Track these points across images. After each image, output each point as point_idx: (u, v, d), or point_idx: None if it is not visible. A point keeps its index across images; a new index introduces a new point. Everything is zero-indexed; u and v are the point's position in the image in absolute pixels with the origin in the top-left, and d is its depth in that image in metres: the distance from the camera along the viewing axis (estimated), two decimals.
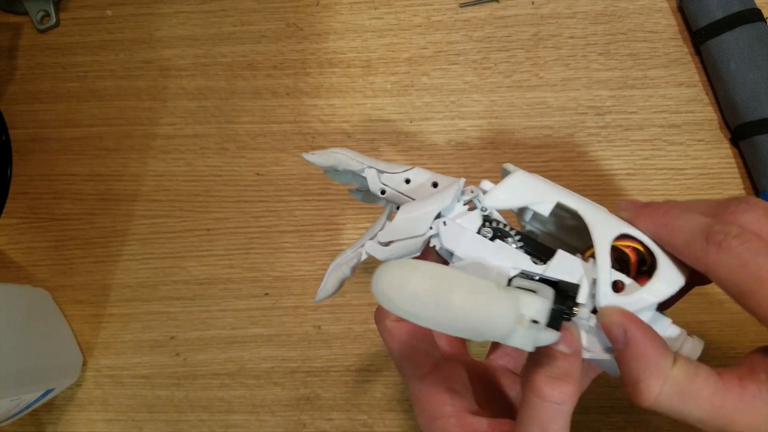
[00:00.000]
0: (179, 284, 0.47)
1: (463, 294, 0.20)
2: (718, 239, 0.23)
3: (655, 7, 0.48)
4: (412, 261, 0.21)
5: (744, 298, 0.23)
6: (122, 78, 0.51)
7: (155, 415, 0.46)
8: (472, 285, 0.21)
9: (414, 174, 0.30)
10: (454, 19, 0.49)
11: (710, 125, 0.46)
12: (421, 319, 0.20)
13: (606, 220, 0.27)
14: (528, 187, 0.28)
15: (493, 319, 0.20)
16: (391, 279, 0.20)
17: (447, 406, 0.28)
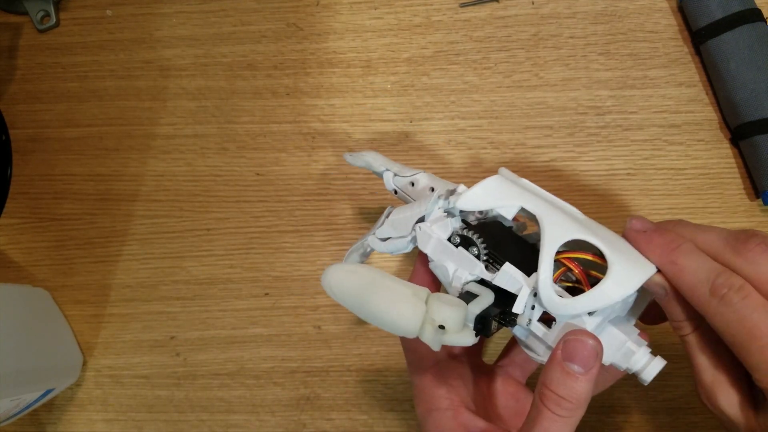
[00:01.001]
0: (179, 284, 0.47)
1: (381, 298, 0.25)
2: (721, 292, 0.25)
3: (655, 7, 0.48)
4: (354, 266, 0.26)
5: (738, 349, 0.25)
6: (122, 78, 0.51)
7: (155, 415, 0.46)
8: (392, 292, 0.25)
9: (418, 178, 0.34)
10: (454, 19, 0.49)
11: (710, 125, 0.46)
12: (352, 311, 0.26)
13: (562, 224, 0.28)
14: (495, 191, 0.30)
15: (401, 320, 0.25)
16: (335, 276, 0.26)
17: (444, 400, 0.30)
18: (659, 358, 0.28)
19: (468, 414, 0.29)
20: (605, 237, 0.28)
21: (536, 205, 0.29)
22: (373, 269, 0.27)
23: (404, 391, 0.45)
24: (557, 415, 0.25)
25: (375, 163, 0.36)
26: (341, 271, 0.26)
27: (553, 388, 0.25)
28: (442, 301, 0.25)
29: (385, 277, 0.26)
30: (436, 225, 0.31)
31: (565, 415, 0.25)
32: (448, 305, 0.25)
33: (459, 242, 0.30)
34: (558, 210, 0.29)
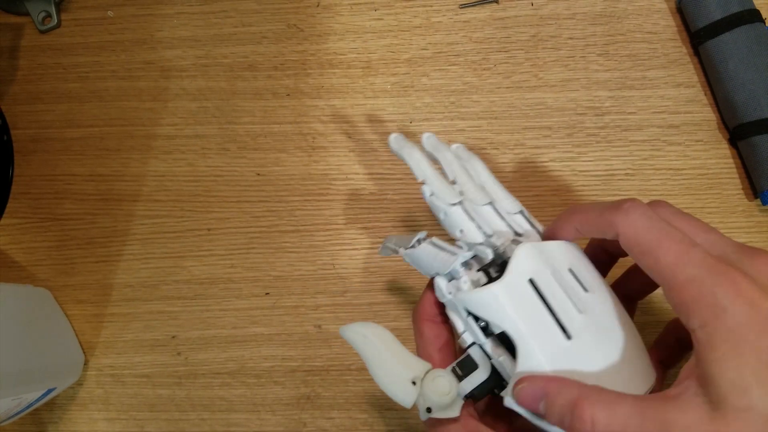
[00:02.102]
0: (180, 284, 0.47)
1: (382, 373, 0.29)
2: (625, 206, 0.27)
3: (653, 8, 0.48)
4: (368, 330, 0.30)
5: (645, 256, 0.26)
6: (123, 78, 0.51)
7: (156, 414, 0.46)
8: (392, 371, 0.29)
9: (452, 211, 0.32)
10: (454, 21, 0.50)
11: (709, 125, 0.47)
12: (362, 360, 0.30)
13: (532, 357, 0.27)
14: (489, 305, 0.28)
15: (395, 398, 0.28)
16: (350, 337, 0.30)
17: None
18: None
19: (476, 423, 0.30)
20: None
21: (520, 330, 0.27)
22: (383, 338, 0.30)
23: None
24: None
25: (415, 169, 0.33)
26: (357, 335, 0.30)
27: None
28: (432, 389, 0.28)
29: (390, 352, 0.29)
30: (451, 285, 0.30)
31: None
32: (435, 394, 0.28)
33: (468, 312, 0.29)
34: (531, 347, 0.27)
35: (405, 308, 0.46)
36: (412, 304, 0.46)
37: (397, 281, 0.46)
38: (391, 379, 0.29)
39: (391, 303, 0.46)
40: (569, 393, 0.25)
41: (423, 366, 0.29)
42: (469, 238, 0.31)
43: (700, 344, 0.24)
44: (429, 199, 0.32)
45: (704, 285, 0.24)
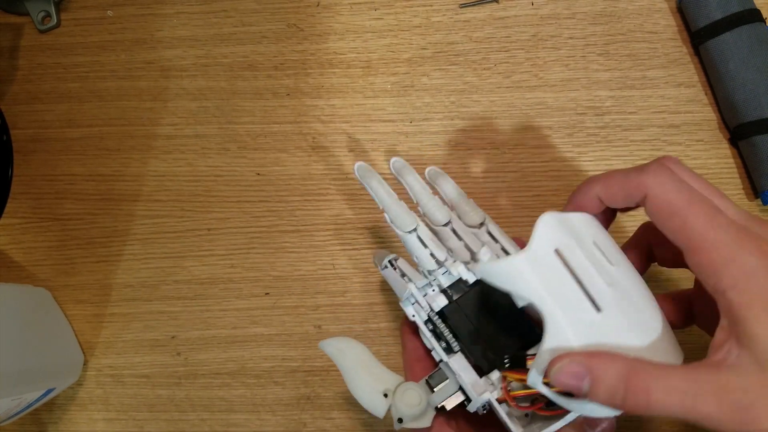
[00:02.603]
0: (180, 284, 0.47)
1: (356, 386, 0.32)
2: (651, 166, 0.28)
3: (654, 8, 0.48)
4: (345, 344, 0.33)
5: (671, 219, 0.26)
6: (123, 78, 0.51)
7: (156, 415, 0.46)
8: (365, 385, 0.32)
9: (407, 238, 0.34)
10: (454, 20, 0.49)
11: (709, 125, 0.47)
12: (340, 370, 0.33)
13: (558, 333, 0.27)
14: (513, 276, 0.27)
15: (369, 409, 0.31)
16: (328, 350, 0.33)
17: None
18: None
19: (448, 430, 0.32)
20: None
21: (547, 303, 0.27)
22: (358, 352, 0.33)
23: None
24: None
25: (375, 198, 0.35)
26: (333, 348, 0.33)
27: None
28: (402, 401, 0.30)
29: (363, 366, 0.32)
30: (412, 308, 0.33)
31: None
32: (405, 405, 0.30)
33: (431, 329, 0.32)
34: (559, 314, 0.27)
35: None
36: None
37: None
38: (364, 391, 0.32)
39: (391, 303, 0.46)
40: (618, 368, 0.24)
41: (395, 379, 0.32)
42: (422, 265, 0.33)
43: (732, 305, 0.24)
44: (390, 225, 0.34)
45: (732, 248, 0.24)
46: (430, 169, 0.37)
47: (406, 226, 0.34)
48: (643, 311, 0.28)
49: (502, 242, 0.33)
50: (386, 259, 0.35)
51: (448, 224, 0.34)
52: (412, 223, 0.34)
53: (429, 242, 0.33)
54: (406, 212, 0.34)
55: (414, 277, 0.34)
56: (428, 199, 0.35)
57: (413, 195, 0.35)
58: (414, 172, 0.36)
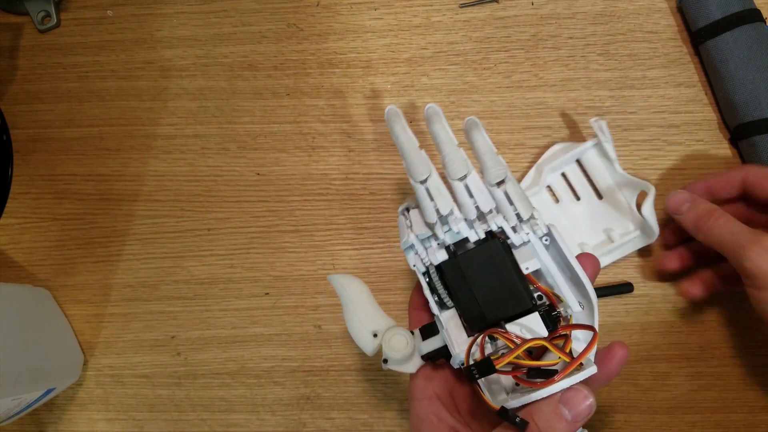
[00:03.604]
0: (180, 284, 0.47)
1: (351, 321, 0.34)
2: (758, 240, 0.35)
3: (654, 8, 0.48)
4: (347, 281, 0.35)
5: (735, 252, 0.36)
6: (123, 78, 0.51)
7: (156, 414, 0.46)
8: (358, 322, 0.33)
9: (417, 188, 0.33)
10: (454, 20, 0.49)
11: (709, 125, 0.47)
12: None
13: None
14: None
15: (360, 344, 0.33)
16: (335, 282, 0.35)
17: (423, 390, 0.33)
18: None
19: (439, 404, 0.33)
20: None
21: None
22: (358, 291, 0.34)
23: (404, 391, 0.45)
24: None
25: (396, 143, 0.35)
26: (337, 283, 0.35)
27: (537, 420, 0.27)
28: (389, 343, 0.33)
29: (360, 305, 0.34)
30: (412, 257, 0.34)
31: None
32: (391, 348, 0.32)
33: (428, 282, 0.33)
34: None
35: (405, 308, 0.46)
36: None
37: (397, 281, 0.46)
38: (356, 328, 0.33)
39: (391, 303, 0.46)
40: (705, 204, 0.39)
41: (386, 322, 0.34)
42: (425, 216, 0.33)
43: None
44: (407, 173, 0.34)
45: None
46: (469, 119, 0.36)
47: (417, 175, 0.33)
48: None
49: (517, 205, 0.32)
50: (403, 206, 0.35)
51: (464, 178, 0.33)
52: (424, 173, 0.33)
53: (435, 195, 0.32)
54: (422, 161, 0.33)
55: (418, 227, 0.33)
56: (449, 150, 0.33)
57: (436, 144, 0.34)
58: (443, 122, 0.34)
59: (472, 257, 0.32)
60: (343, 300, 0.34)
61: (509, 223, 0.32)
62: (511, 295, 0.30)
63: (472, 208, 0.32)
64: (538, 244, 0.32)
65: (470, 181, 0.33)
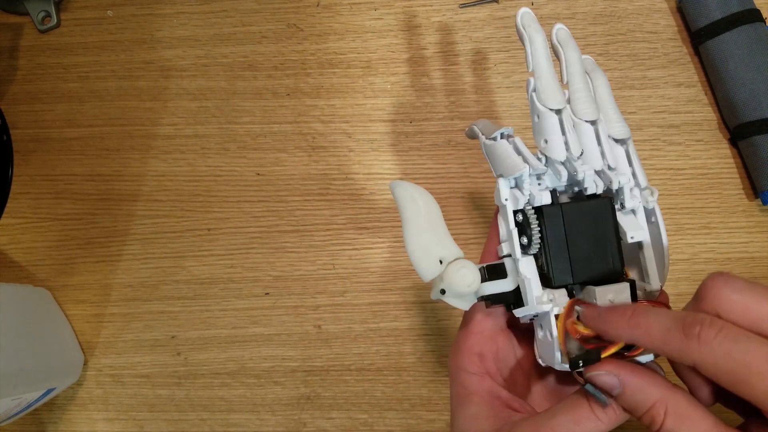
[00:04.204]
0: (180, 284, 0.47)
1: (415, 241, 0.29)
2: (695, 332, 0.22)
3: (654, 8, 0.48)
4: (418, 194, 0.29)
5: (737, 386, 0.22)
6: (123, 78, 0.51)
7: (156, 414, 0.46)
8: (425, 243, 0.29)
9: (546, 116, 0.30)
10: (454, 20, 0.49)
11: (709, 125, 0.47)
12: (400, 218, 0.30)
13: None
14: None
15: (418, 268, 0.29)
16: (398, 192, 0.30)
17: (475, 365, 0.31)
18: None
19: (492, 382, 0.30)
20: None
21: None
22: (430, 208, 0.29)
23: (404, 391, 0.45)
24: (595, 416, 0.25)
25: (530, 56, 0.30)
26: (406, 193, 0.29)
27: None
28: (454, 275, 0.28)
29: (430, 224, 0.29)
30: (511, 191, 0.30)
31: (603, 420, 0.25)
32: (456, 281, 0.28)
33: (520, 221, 0.29)
34: None
35: (405, 308, 0.46)
36: (412, 304, 0.46)
37: (397, 281, 0.46)
38: (420, 249, 0.29)
39: (391, 303, 0.46)
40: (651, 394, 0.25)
41: (456, 251, 0.29)
42: (551, 152, 0.29)
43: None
44: (530, 94, 0.30)
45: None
46: (586, 57, 0.32)
47: (553, 100, 0.29)
48: None
49: (636, 169, 0.30)
50: (499, 131, 0.31)
51: (595, 123, 0.30)
52: (562, 101, 0.29)
53: (570, 129, 0.29)
54: (559, 88, 0.29)
55: (532, 159, 0.29)
56: (583, 85, 0.30)
57: (567, 75, 0.30)
58: (578, 50, 0.30)
59: (577, 210, 0.29)
60: (410, 213, 0.29)
61: (628, 184, 0.29)
62: (606, 259, 0.28)
63: (599, 158, 0.29)
64: (642, 216, 0.29)
65: (600, 128, 0.29)
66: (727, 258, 0.44)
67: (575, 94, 0.30)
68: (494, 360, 0.32)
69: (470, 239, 0.46)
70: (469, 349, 0.31)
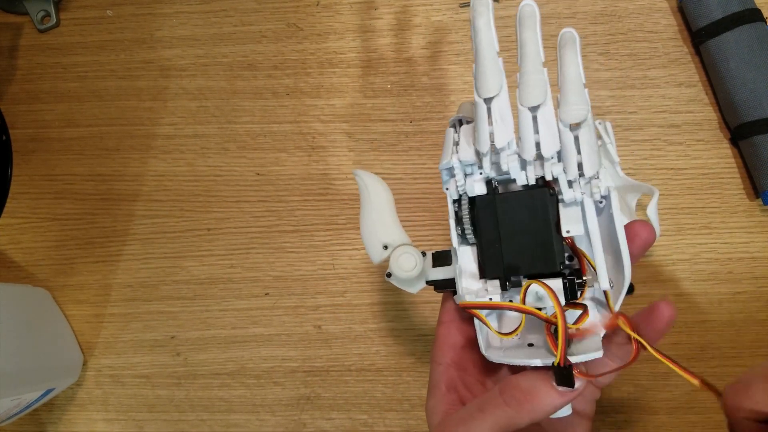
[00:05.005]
0: (180, 284, 0.47)
1: (366, 224, 0.31)
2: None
3: (654, 7, 0.48)
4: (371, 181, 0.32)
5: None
6: (123, 78, 0.51)
7: (156, 415, 0.46)
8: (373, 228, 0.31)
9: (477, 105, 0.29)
10: (454, 20, 0.49)
11: (710, 125, 0.46)
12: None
13: None
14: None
15: (368, 251, 0.31)
16: (360, 179, 0.32)
17: (442, 355, 0.32)
18: None
19: (454, 373, 0.31)
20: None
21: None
22: (380, 195, 0.32)
23: (404, 391, 0.45)
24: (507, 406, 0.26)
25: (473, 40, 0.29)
26: (361, 181, 0.32)
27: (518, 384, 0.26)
28: (398, 260, 0.31)
29: (378, 212, 0.31)
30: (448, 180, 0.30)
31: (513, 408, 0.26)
32: (397, 266, 0.30)
33: (455, 211, 0.30)
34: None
35: (404, 308, 0.46)
36: (411, 304, 0.46)
37: None
38: (369, 234, 0.31)
39: (391, 303, 0.46)
40: None
41: (400, 237, 0.31)
42: (478, 141, 0.28)
43: None
44: (474, 81, 0.29)
45: None
46: (566, 30, 0.29)
47: (485, 89, 0.28)
48: None
49: (585, 158, 0.27)
50: (456, 117, 0.31)
51: (536, 109, 0.27)
52: (493, 89, 0.27)
53: (497, 120, 0.28)
54: (495, 74, 0.28)
55: (464, 152, 0.29)
56: (531, 68, 0.28)
57: (519, 56, 0.28)
58: (538, 31, 0.28)
59: (512, 200, 0.29)
60: (363, 200, 0.32)
61: (568, 175, 0.28)
62: (540, 252, 0.28)
63: (532, 147, 0.28)
64: (590, 206, 0.28)
65: (542, 114, 0.27)
66: (727, 258, 0.44)
67: (521, 78, 0.28)
68: (465, 348, 0.32)
69: None
70: (441, 337, 0.32)
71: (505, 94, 0.28)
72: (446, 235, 0.32)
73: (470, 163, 0.29)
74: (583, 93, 0.28)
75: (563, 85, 0.28)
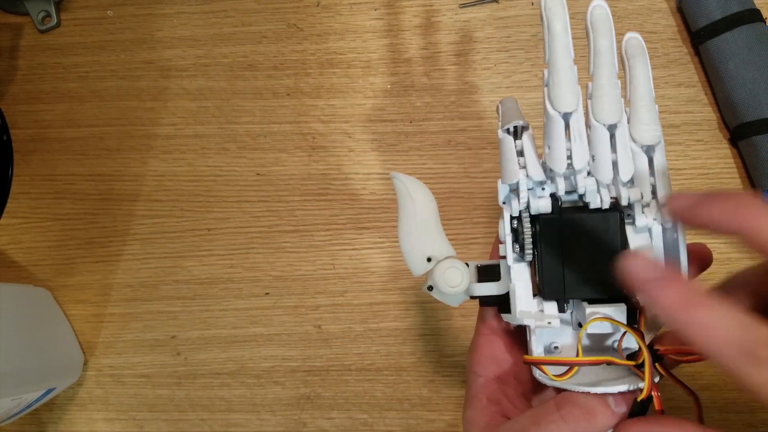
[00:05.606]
0: (180, 284, 0.47)
1: (407, 237, 0.29)
2: (760, 356, 0.20)
3: (654, 8, 0.48)
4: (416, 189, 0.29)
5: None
6: (123, 78, 0.51)
7: (156, 414, 0.46)
8: (416, 241, 0.29)
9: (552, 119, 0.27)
10: (454, 20, 0.49)
11: (709, 125, 0.47)
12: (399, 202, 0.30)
13: None
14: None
15: (408, 263, 0.29)
16: (401, 184, 0.30)
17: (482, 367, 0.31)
18: None
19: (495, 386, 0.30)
20: None
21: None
22: (425, 204, 0.29)
23: (404, 391, 0.45)
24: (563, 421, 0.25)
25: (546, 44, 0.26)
26: (403, 186, 0.30)
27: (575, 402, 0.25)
28: (442, 275, 0.29)
29: (422, 221, 0.29)
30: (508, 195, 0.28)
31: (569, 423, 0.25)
32: (443, 281, 0.29)
33: (514, 227, 0.28)
34: None
35: (405, 308, 0.46)
36: (412, 304, 0.46)
37: (398, 281, 0.46)
38: (410, 246, 0.29)
39: (391, 303, 0.46)
40: None
41: (446, 250, 0.29)
42: (551, 161, 0.26)
43: None
44: (544, 89, 0.26)
45: None
46: (632, 36, 0.27)
47: (563, 102, 0.25)
48: None
49: (659, 180, 0.26)
50: (512, 124, 0.28)
51: (614, 128, 0.26)
52: (572, 103, 0.25)
53: (576, 138, 0.26)
54: (573, 85, 0.25)
55: (534, 168, 0.27)
56: (607, 81, 0.26)
57: (593, 66, 0.26)
58: (613, 38, 0.26)
59: (580, 222, 0.26)
60: (403, 207, 0.29)
61: (643, 200, 0.26)
62: (606, 277, 0.25)
63: (610, 170, 0.26)
64: (658, 231, 0.26)
65: (620, 133, 0.26)
66: (727, 258, 0.44)
67: (595, 91, 0.26)
68: (507, 362, 0.31)
69: (470, 239, 0.46)
70: (480, 349, 0.31)
71: (581, 109, 0.26)
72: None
73: (540, 182, 0.27)
74: (655, 111, 0.26)
75: (635, 102, 0.26)
